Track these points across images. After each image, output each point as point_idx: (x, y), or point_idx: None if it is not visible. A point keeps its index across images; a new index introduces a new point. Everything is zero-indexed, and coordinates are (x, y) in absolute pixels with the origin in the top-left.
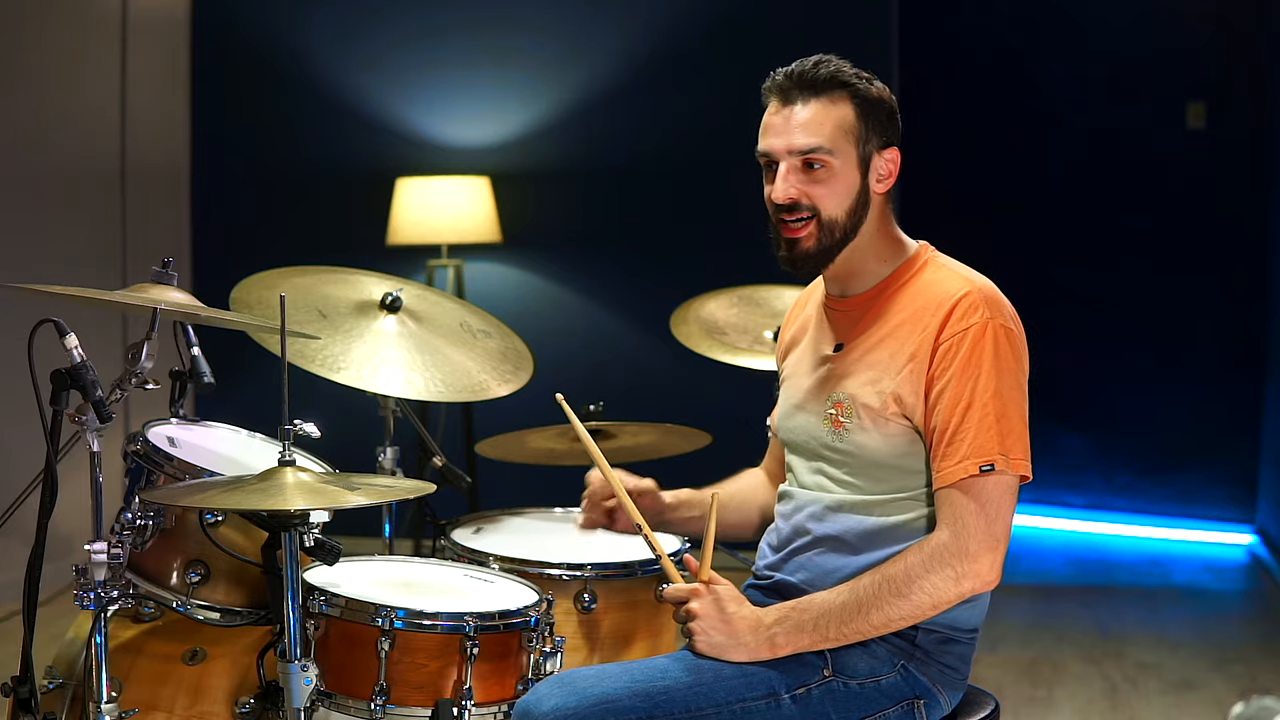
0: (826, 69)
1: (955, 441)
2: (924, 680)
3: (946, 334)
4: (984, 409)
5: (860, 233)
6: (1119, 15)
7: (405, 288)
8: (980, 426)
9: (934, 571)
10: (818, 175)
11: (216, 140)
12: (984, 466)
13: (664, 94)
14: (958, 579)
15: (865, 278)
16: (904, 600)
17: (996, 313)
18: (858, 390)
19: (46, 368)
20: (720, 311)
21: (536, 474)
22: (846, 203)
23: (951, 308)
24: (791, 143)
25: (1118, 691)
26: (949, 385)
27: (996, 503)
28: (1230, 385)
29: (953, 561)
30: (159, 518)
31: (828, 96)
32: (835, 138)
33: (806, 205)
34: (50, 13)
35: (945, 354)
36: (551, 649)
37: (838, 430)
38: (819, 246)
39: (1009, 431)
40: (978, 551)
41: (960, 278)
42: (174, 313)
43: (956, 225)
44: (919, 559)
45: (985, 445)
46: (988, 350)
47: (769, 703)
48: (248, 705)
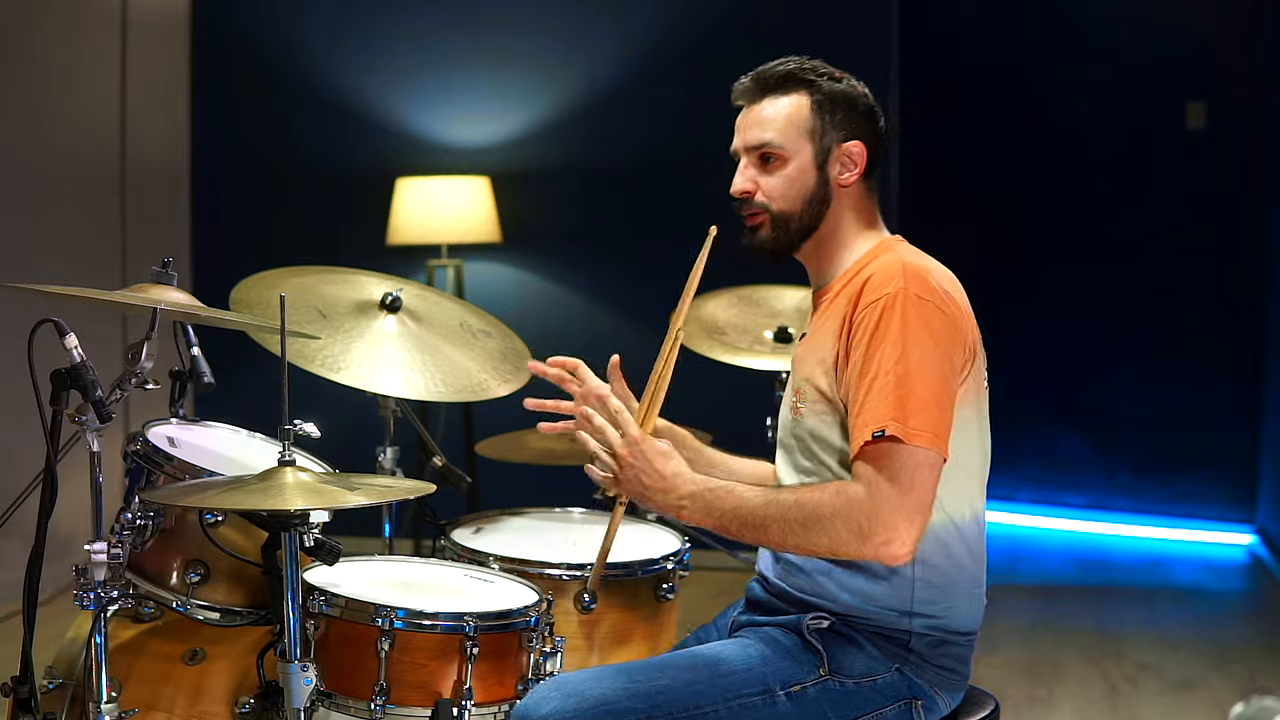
0: (784, 68)
1: (862, 413)
2: (920, 682)
3: (860, 306)
4: (885, 377)
5: (828, 223)
6: (1119, 15)
7: (405, 288)
8: (880, 395)
9: (841, 519)
10: (771, 169)
11: (216, 140)
12: (875, 433)
13: (664, 94)
14: (863, 537)
15: (832, 268)
16: (805, 534)
17: (913, 282)
18: (810, 373)
19: (46, 368)
20: (720, 311)
21: (536, 474)
22: (801, 195)
23: (865, 281)
24: (746, 139)
25: (1118, 691)
26: (859, 358)
27: (909, 476)
28: (1230, 385)
29: (859, 517)
30: (159, 518)
31: (782, 93)
32: (787, 132)
33: (758, 201)
34: (50, 13)
35: (856, 327)
36: (551, 649)
37: (796, 417)
38: (774, 235)
39: (910, 399)
40: (890, 520)
41: (897, 257)
42: (174, 313)
43: (956, 225)
44: (833, 501)
45: (880, 412)
46: (895, 320)
47: (765, 700)
48: (248, 705)
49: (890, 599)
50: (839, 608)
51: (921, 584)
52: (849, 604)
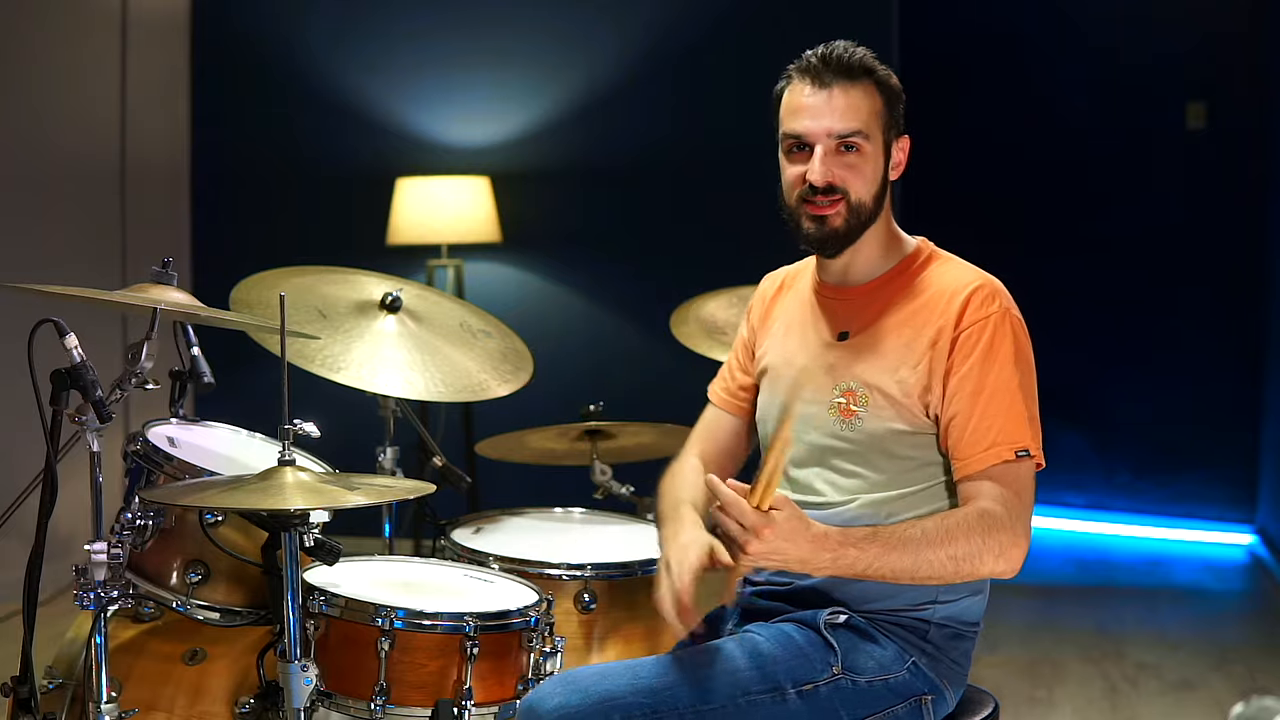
0: (858, 56)
1: (980, 429)
2: (932, 676)
3: (966, 322)
4: (1011, 396)
5: (878, 217)
6: (1119, 15)
7: (405, 288)
8: (1010, 414)
9: (989, 543)
10: (850, 159)
11: (216, 140)
12: (1019, 452)
13: (664, 94)
14: (999, 555)
15: (868, 266)
16: (952, 561)
17: (1010, 304)
18: (875, 378)
19: (46, 368)
20: (720, 311)
21: (536, 474)
22: (873, 187)
23: (969, 296)
24: (832, 126)
25: (1118, 691)
26: (970, 373)
27: (1029, 490)
28: (1230, 385)
29: (1001, 536)
30: (159, 518)
31: (862, 82)
32: (870, 123)
33: (840, 188)
34: (50, 13)
35: (965, 341)
36: (551, 649)
37: (847, 419)
38: (846, 226)
39: (1033, 418)
40: (1019, 535)
41: (970, 270)
42: (174, 313)
43: (956, 224)
44: (980, 525)
45: (1016, 432)
46: (1007, 340)
47: (774, 697)
48: (248, 705)
49: (918, 590)
50: (861, 604)
51: None
52: (875, 598)
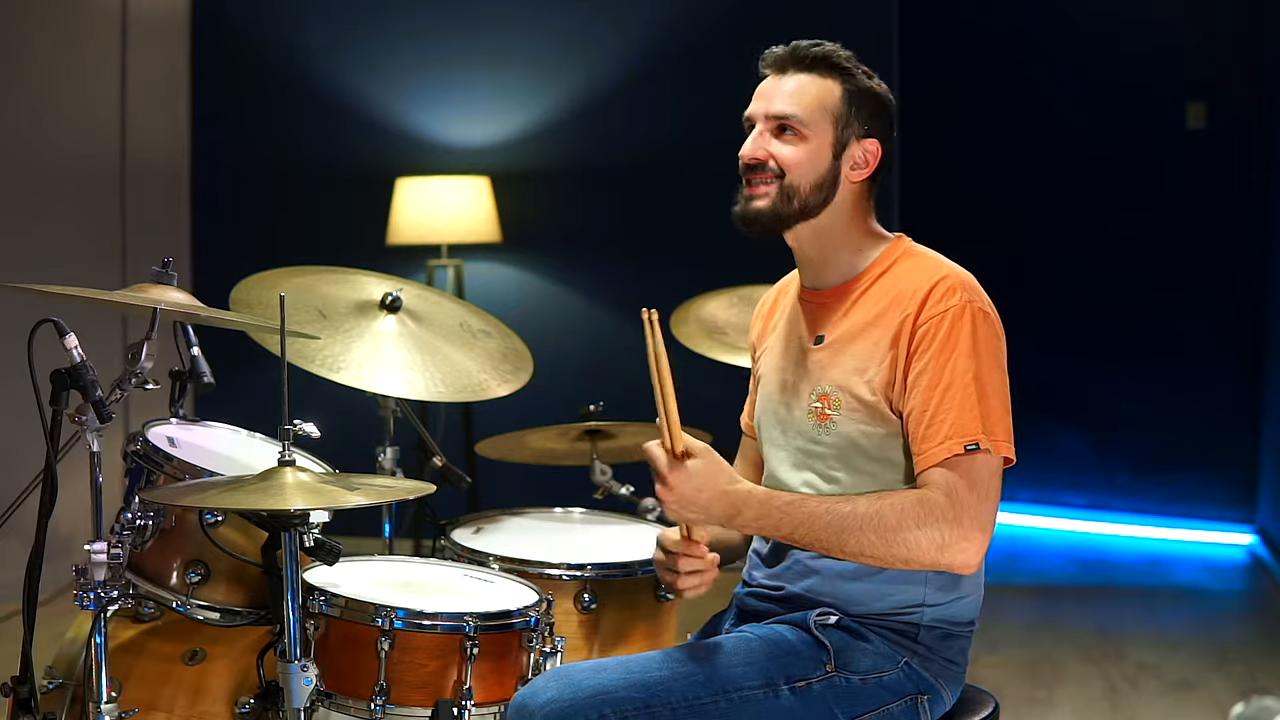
0: (823, 49)
1: (936, 422)
2: (927, 676)
3: (924, 316)
4: (965, 389)
5: (827, 215)
6: (1119, 15)
7: (405, 288)
8: (963, 407)
9: (923, 528)
10: (787, 140)
11: (216, 140)
12: (969, 446)
13: (664, 94)
14: (942, 547)
15: (840, 268)
16: (886, 545)
17: (974, 295)
18: (846, 381)
19: (46, 368)
20: (720, 311)
21: (536, 474)
22: (812, 176)
23: (929, 290)
24: (770, 108)
25: (1118, 691)
26: (928, 366)
27: (985, 484)
28: (1230, 385)
29: (943, 527)
30: (159, 518)
31: (817, 73)
32: (812, 111)
33: (771, 167)
34: (50, 13)
35: (924, 336)
36: (551, 649)
37: (823, 423)
38: (773, 208)
39: (989, 412)
40: (969, 529)
41: (937, 263)
42: (174, 313)
43: (956, 224)
44: (916, 512)
45: (968, 425)
46: (965, 331)
47: (767, 693)
48: (248, 705)
49: (905, 594)
50: (850, 607)
51: (935, 574)
52: (862, 602)
